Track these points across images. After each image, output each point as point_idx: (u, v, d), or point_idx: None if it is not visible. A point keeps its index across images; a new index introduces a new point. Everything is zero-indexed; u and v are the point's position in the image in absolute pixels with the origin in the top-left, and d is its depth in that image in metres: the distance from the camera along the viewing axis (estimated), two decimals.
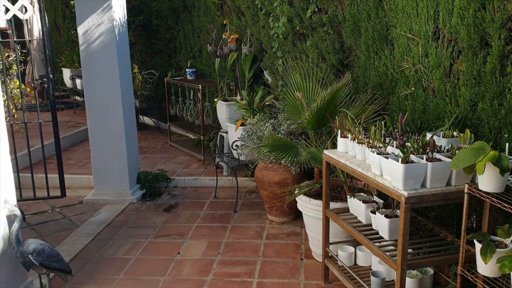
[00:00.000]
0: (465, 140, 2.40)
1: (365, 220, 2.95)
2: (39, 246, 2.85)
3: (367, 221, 2.94)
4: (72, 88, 8.82)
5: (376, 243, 2.70)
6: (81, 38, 4.60)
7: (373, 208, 2.89)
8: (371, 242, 2.70)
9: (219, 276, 3.40)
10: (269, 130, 3.97)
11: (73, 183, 5.27)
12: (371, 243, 2.69)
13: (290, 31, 4.47)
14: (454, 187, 2.35)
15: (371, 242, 2.70)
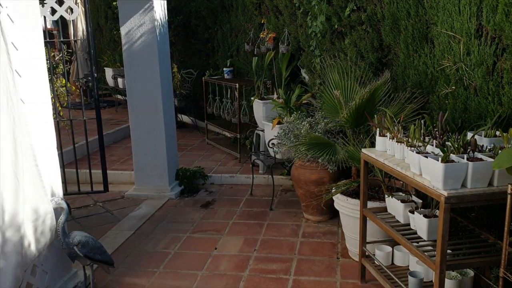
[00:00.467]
0: (508, 139, 2.35)
1: (403, 220, 2.92)
2: (84, 238, 2.97)
3: (405, 221, 2.91)
4: (114, 87, 9.08)
5: (414, 243, 2.68)
6: (124, 38, 4.74)
7: (411, 208, 2.87)
8: (409, 241, 2.68)
9: (255, 272, 3.45)
10: (306, 129, 3.98)
11: (115, 178, 5.43)
12: (409, 242, 2.67)
13: (328, 30, 4.47)
14: (496, 188, 2.31)
15: (409, 242, 2.67)
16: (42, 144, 2.88)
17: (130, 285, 3.31)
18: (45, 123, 2.95)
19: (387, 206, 3.14)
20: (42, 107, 2.92)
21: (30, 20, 2.83)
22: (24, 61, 2.74)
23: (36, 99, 2.86)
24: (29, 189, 2.64)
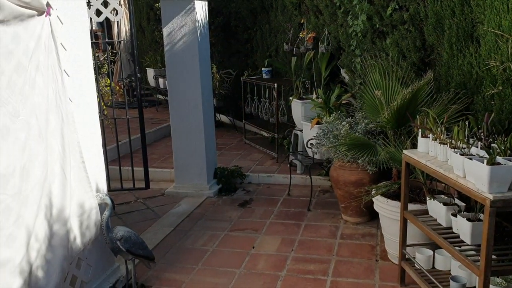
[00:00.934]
0: None
1: (445, 223, 2.86)
2: (127, 233, 3.05)
3: (447, 224, 2.85)
4: (155, 87, 9.27)
5: (456, 247, 2.61)
6: (166, 39, 4.84)
7: (454, 211, 2.80)
8: (451, 245, 2.62)
9: (293, 272, 3.45)
10: (346, 129, 3.95)
11: (155, 176, 5.55)
12: (452, 246, 2.61)
13: (369, 29, 4.41)
14: None
15: (452, 246, 2.61)
16: (89, 141, 2.98)
17: (169, 280, 3.38)
18: (91, 122, 3.05)
19: (428, 208, 3.08)
20: (88, 106, 3.03)
21: (78, 22, 2.94)
22: (72, 61, 2.85)
23: (83, 98, 2.97)
24: (75, 184, 2.74)
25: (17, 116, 2.31)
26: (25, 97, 2.36)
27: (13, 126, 2.27)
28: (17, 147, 2.30)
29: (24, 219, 2.32)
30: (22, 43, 2.35)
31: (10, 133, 2.26)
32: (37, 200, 2.42)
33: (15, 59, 2.29)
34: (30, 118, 2.39)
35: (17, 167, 2.29)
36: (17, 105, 2.31)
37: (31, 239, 2.36)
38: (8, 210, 2.23)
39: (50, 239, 2.53)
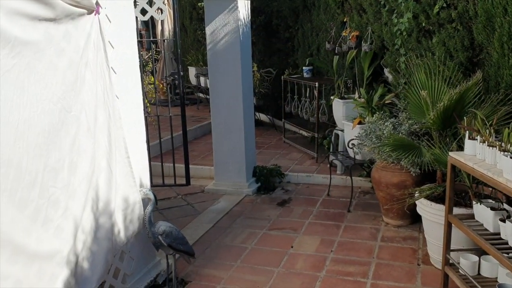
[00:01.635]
0: None
1: (493, 229, 2.76)
2: (168, 228, 3.11)
3: (494, 230, 2.75)
4: (196, 86, 9.39)
5: (504, 253, 2.52)
6: (208, 38, 4.89)
7: (502, 216, 2.70)
8: (499, 252, 2.52)
9: (332, 273, 3.42)
10: (389, 129, 3.87)
11: (195, 173, 5.62)
12: (500, 253, 2.51)
13: (414, 28, 4.31)
14: None
15: (499, 252, 2.52)
16: (134, 137, 3.05)
17: (209, 276, 3.42)
18: (136, 118, 3.12)
19: (474, 213, 2.98)
20: (134, 103, 3.10)
21: (125, 20, 3.01)
22: (119, 59, 2.92)
23: (129, 95, 3.04)
24: (120, 179, 2.81)
25: (69, 111, 2.39)
26: (77, 93, 2.44)
27: (65, 121, 2.36)
28: (67, 142, 2.38)
29: (72, 211, 2.40)
30: (73, 41, 2.42)
31: (63, 127, 2.34)
32: (85, 193, 2.50)
33: (67, 56, 2.37)
34: (80, 113, 2.47)
35: (66, 161, 2.37)
36: (70, 100, 2.39)
37: (78, 231, 2.44)
38: (57, 203, 2.31)
39: (96, 231, 2.61)
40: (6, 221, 1.99)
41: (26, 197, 2.11)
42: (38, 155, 2.18)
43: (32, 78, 2.14)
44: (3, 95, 1.97)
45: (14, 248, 2.04)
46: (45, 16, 2.18)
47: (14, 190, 2.04)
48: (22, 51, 2.09)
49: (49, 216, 2.26)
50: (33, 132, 2.15)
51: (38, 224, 2.19)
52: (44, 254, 2.21)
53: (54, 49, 2.29)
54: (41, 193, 2.20)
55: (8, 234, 2.01)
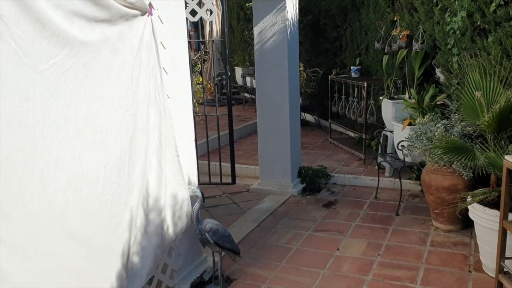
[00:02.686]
0: None
1: None
2: (215, 226, 3.15)
3: None
4: (242, 85, 9.46)
5: None
6: (256, 38, 4.92)
7: None
8: None
9: (379, 277, 3.35)
10: (441, 131, 3.75)
11: (240, 172, 5.65)
12: None
13: (469, 27, 4.16)
14: None
15: None
16: (183, 136, 3.11)
17: (254, 275, 3.43)
18: (186, 118, 3.18)
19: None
20: (184, 103, 3.16)
21: (176, 21, 3.07)
22: (170, 59, 2.98)
23: (179, 95, 3.10)
24: (170, 176, 2.88)
25: (127, 110, 2.47)
26: (132, 92, 2.52)
27: (124, 119, 2.44)
28: (127, 139, 2.47)
29: (130, 207, 2.49)
30: (127, 41, 2.50)
31: (122, 125, 2.43)
32: (139, 189, 2.58)
33: (122, 57, 2.45)
34: (136, 112, 2.55)
35: (126, 157, 2.45)
36: (126, 99, 2.47)
37: (132, 226, 2.51)
38: (119, 198, 2.39)
39: (146, 227, 2.68)
40: (73, 219, 2.09)
41: (90, 192, 2.20)
42: (98, 151, 2.26)
43: (89, 78, 2.23)
44: (62, 94, 2.06)
45: (78, 242, 2.13)
46: (101, 17, 2.27)
47: (79, 186, 2.13)
48: (80, 51, 2.17)
49: (112, 212, 2.35)
50: (91, 129, 2.23)
51: (103, 219, 2.28)
52: (103, 248, 2.30)
53: (109, 50, 2.37)
54: (104, 189, 2.29)
55: (74, 228, 2.11)
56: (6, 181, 1.81)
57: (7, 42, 1.79)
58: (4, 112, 1.79)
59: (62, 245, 2.07)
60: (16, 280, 1.86)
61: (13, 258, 1.85)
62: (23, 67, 1.87)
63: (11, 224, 1.83)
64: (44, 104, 1.98)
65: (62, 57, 2.05)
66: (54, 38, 2.00)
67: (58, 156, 2.04)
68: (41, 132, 1.97)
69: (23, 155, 1.89)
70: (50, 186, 2.01)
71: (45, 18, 1.94)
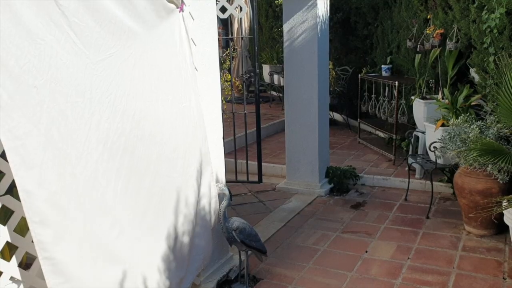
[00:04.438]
0: None
1: None
2: (242, 224, 3.12)
3: None
4: (269, 83, 9.41)
5: None
6: (286, 35, 4.86)
7: None
8: None
9: (408, 281, 3.27)
10: (476, 133, 3.63)
11: (267, 171, 5.61)
12: None
13: (507, 25, 4.01)
14: None
15: None
16: (212, 133, 3.09)
17: (280, 275, 3.39)
18: (214, 115, 3.16)
19: None
20: (213, 100, 3.14)
21: (207, 18, 3.05)
22: (200, 56, 2.96)
23: (209, 93, 3.08)
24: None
25: (181, 102, 2.50)
26: (182, 85, 2.53)
27: (179, 112, 2.45)
28: (182, 132, 2.52)
29: (184, 200, 2.51)
30: (170, 34, 2.50)
31: (178, 118, 2.45)
32: (194, 183, 2.62)
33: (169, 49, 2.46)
34: (189, 105, 2.56)
35: (181, 150, 2.48)
36: (178, 93, 2.48)
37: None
38: (170, 192, 2.42)
39: (196, 224, 2.71)
40: (119, 207, 2.10)
41: (138, 184, 2.20)
42: (153, 143, 2.27)
43: (146, 69, 2.23)
44: (120, 85, 2.06)
45: (123, 227, 2.14)
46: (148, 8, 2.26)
47: (127, 177, 2.13)
48: (135, 42, 2.17)
49: (161, 204, 2.36)
50: (149, 121, 2.23)
51: (150, 211, 2.29)
52: (150, 235, 2.31)
53: (158, 41, 2.37)
54: (153, 181, 2.29)
55: (121, 216, 2.12)
56: (59, 171, 1.81)
57: (65, 32, 1.80)
58: (61, 103, 1.80)
59: (113, 236, 2.08)
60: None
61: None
62: (81, 57, 1.88)
63: (64, 215, 1.84)
64: (101, 95, 1.98)
65: (119, 48, 2.05)
66: (112, 27, 2.00)
67: (112, 147, 2.04)
68: (97, 123, 1.96)
69: (78, 147, 1.89)
70: (104, 177, 2.01)
71: (102, 6, 1.94)
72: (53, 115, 1.77)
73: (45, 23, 1.72)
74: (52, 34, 1.75)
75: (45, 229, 1.77)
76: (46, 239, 1.77)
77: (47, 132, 1.76)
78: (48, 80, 1.75)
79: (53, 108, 1.77)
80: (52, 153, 1.78)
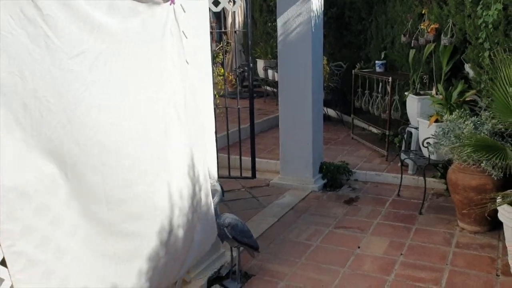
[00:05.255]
0: None
1: None
2: (234, 221, 3.08)
3: None
4: (264, 78, 9.35)
5: None
6: (280, 29, 4.81)
7: None
8: None
9: (401, 278, 3.25)
10: (470, 129, 3.61)
11: (260, 166, 5.55)
12: None
13: (502, 20, 3.99)
14: None
15: None
16: (205, 128, 3.04)
17: (272, 272, 3.36)
18: (207, 110, 3.11)
19: None
20: (205, 95, 3.09)
21: (199, 11, 2.99)
22: (192, 49, 2.90)
23: (200, 86, 3.02)
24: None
25: (161, 99, 2.43)
26: (163, 82, 2.47)
27: (159, 110, 2.39)
28: (162, 129, 2.44)
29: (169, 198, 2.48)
30: (150, 29, 2.43)
31: (158, 116, 2.39)
32: (180, 180, 2.59)
33: (147, 45, 2.39)
34: (169, 102, 2.51)
35: (164, 148, 2.48)
36: (159, 89, 2.42)
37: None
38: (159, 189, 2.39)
39: (184, 220, 2.68)
40: (112, 201, 2.09)
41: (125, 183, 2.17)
42: (135, 139, 2.24)
43: (120, 66, 2.18)
44: (96, 81, 2.02)
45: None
46: (123, 3, 2.20)
47: (115, 174, 2.10)
48: (107, 37, 2.11)
49: (151, 203, 2.33)
50: (128, 119, 2.19)
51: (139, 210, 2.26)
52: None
53: (134, 37, 2.31)
54: (140, 178, 2.26)
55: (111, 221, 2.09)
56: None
57: (39, 26, 1.75)
58: (33, 97, 1.75)
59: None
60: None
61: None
62: (57, 51, 1.83)
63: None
64: (76, 91, 1.93)
65: (91, 43, 2.00)
66: (82, 22, 1.95)
67: (87, 144, 2.00)
68: (70, 120, 1.92)
69: (50, 144, 1.85)
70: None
71: (72, 0, 1.89)
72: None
73: (15, 16, 1.68)
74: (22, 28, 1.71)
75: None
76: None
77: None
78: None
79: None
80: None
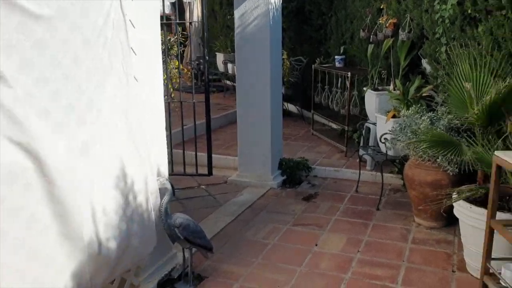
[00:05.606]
0: None
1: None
2: (185, 221, 2.94)
3: None
4: (223, 72, 9.20)
5: None
6: (237, 22, 4.68)
7: None
8: None
9: (358, 275, 3.19)
10: (426, 124, 3.59)
11: (219, 163, 5.41)
12: None
13: (458, 15, 3.99)
14: None
15: None
16: (152, 123, 2.88)
17: (227, 272, 3.24)
18: (155, 103, 2.95)
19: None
20: (154, 87, 2.92)
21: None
22: (140, 39, 2.73)
23: (149, 78, 2.86)
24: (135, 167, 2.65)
25: (82, 93, 2.24)
26: (91, 74, 2.28)
27: (77, 103, 2.21)
28: (91, 123, 2.27)
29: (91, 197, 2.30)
30: (89, 18, 2.26)
31: (75, 110, 2.20)
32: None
33: (83, 34, 2.21)
34: (103, 95, 2.33)
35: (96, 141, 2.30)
36: (82, 82, 2.23)
37: (96, 213, 2.31)
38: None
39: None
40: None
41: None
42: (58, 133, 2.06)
43: (42, 57, 1.99)
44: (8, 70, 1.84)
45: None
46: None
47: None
48: (32, 26, 1.94)
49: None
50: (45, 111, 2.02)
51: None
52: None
53: (68, 26, 2.13)
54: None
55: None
56: None
57: None
58: None
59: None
60: None
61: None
62: None
63: None
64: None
65: (11, 31, 1.82)
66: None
67: None
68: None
69: None
70: None
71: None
72: None
73: None
74: None
75: None
76: None
77: None
78: None
79: None
80: None
